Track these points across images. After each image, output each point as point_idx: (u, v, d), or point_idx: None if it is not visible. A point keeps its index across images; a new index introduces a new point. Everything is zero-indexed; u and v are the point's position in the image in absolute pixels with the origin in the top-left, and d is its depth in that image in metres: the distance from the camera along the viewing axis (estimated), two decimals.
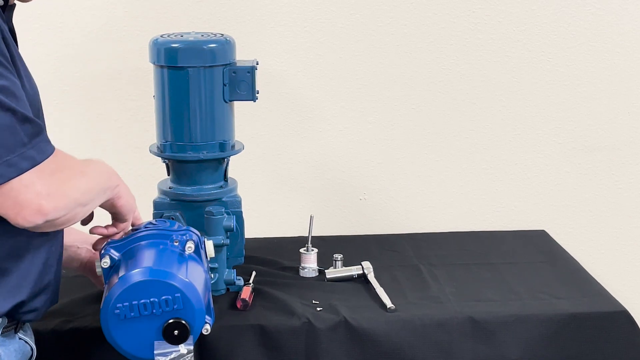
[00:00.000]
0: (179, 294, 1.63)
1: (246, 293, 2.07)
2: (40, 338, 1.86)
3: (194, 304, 1.63)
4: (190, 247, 1.74)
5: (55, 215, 1.51)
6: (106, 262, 1.73)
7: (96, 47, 2.56)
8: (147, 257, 1.70)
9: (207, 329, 1.67)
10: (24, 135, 1.49)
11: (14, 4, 1.69)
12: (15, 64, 1.57)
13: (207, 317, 1.68)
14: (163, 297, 1.63)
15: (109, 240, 1.78)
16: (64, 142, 2.38)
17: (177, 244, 1.75)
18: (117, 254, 1.74)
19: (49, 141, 1.54)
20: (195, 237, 1.78)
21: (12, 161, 1.47)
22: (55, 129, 1.70)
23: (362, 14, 2.59)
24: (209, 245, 1.86)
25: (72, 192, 1.55)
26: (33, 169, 1.49)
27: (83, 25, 2.53)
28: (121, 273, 1.67)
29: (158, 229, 1.80)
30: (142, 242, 1.76)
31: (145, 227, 1.81)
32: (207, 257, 1.84)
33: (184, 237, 1.76)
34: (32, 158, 1.49)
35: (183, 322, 1.62)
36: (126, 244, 1.76)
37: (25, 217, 1.49)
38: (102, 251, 1.75)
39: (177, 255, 1.73)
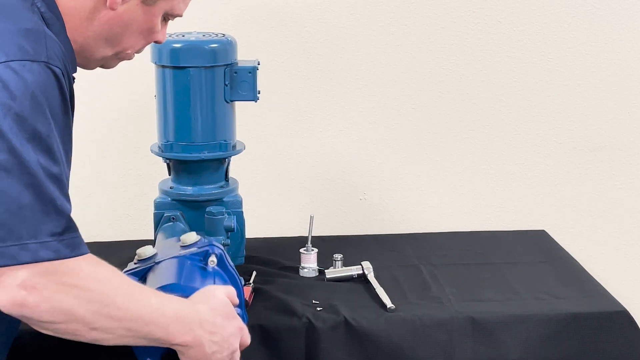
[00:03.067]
0: None
1: (246, 293, 2.07)
2: (40, 338, 1.86)
3: None
4: (212, 260, 1.73)
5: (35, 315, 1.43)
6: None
7: None
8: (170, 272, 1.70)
9: None
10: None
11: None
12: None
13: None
14: None
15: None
16: None
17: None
18: None
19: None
20: (217, 251, 1.75)
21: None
22: None
23: (362, 14, 2.60)
24: None
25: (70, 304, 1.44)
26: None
27: None
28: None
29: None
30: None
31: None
32: (232, 267, 1.78)
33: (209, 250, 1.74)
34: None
35: None
36: None
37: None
38: None
39: (199, 269, 1.72)
